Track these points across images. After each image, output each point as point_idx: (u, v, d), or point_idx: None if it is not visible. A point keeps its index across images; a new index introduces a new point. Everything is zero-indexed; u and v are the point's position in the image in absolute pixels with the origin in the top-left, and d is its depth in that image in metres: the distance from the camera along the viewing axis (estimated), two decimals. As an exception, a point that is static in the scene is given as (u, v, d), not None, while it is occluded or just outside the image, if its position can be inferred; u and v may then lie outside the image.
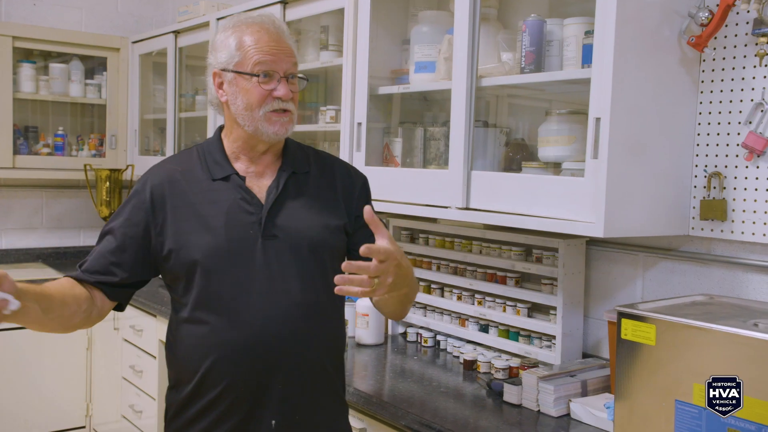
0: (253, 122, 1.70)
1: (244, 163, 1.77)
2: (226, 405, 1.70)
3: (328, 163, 1.88)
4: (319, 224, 1.75)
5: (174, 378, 1.79)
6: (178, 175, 1.75)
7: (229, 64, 1.71)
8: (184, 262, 1.69)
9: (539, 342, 2.35)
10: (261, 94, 1.68)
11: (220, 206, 1.71)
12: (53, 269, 4.09)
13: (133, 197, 1.75)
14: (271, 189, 1.74)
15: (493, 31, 2.30)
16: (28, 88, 4.11)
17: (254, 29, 1.71)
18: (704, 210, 1.99)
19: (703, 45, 1.91)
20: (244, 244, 1.69)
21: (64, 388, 3.87)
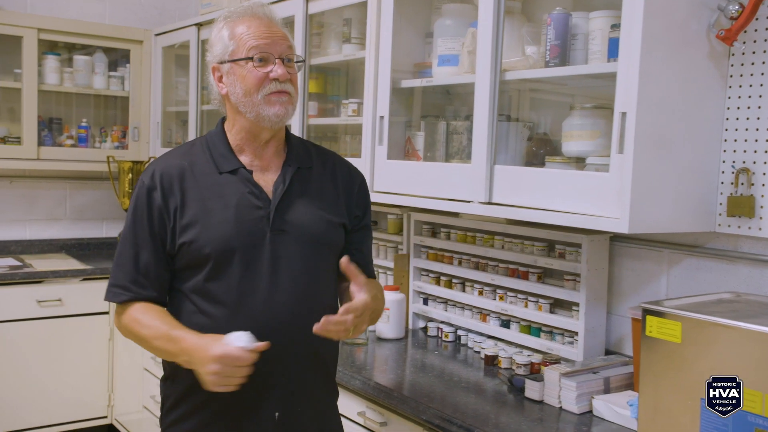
0: (253, 107, 1.71)
1: (249, 157, 1.78)
2: (229, 396, 1.70)
3: (329, 159, 1.90)
4: (323, 219, 1.79)
5: (170, 369, 1.79)
6: (187, 167, 1.75)
7: (224, 55, 1.74)
8: (195, 254, 1.70)
9: (561, 338, 2.33)
10: (258, 77, 1.70)
11: (228, 200, 1.72)
12: (76, 260, 4.13)
13: (144, 196, 1.73)
14: (278, 183, 1.76)
15: (517, 25, 2.28)
16: (52, 80, 4.14)
17: (245, 18, 1.74)
18: (731, 206, 1.96)
19: (732, 39, 1.88)
20: (253, 238, 1.71)
21: (87, 379, 3.91)
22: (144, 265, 1.71)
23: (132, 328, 1.71)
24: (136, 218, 1.73)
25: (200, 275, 1.71)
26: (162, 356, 1.73)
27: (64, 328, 3.82)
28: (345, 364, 2.33)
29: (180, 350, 1.62)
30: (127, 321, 1.71)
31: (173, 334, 1.64)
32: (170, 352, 1.65)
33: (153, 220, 1.71)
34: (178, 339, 1.63)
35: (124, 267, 1.72)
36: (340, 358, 2.37)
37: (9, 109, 4.17)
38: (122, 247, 1.74)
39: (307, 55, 3.04)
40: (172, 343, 1.64)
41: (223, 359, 1.53)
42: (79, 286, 3.86)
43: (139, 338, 1.70)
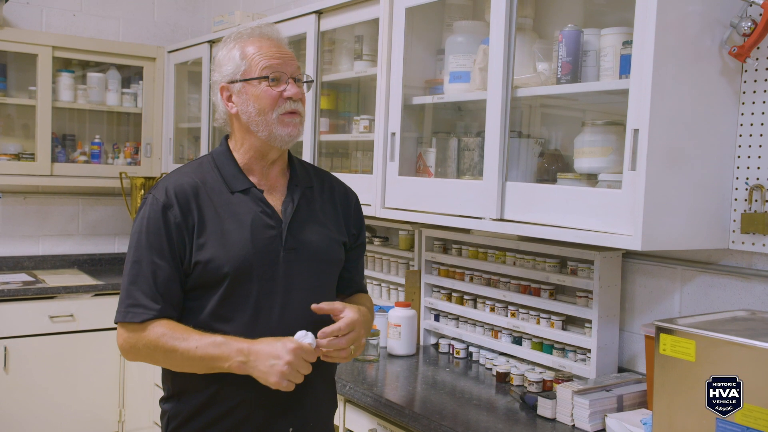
0: (267, 126, 1.73)
1: (256, 177, 1.80)
2: (243, 414, 1.72)
3: (327, 179, 1.95)
4: (328, 237, 1.84)
5: (177, 387, 1.77)
6: (200, 185, 1.75)
7: (235, 74, 1.75)
8: (213, 274, 1.69)
9: (574, 355, 2.32)
10: (272, 97, 1.72)
11: (243, 219, 1.73)
12: (88, 275, 4.15)
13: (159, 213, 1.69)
14: (287, 204, 1.79)
15: (528, 41, 2.28)
16: (66, 97, 4.18)
17: (255, 39, 1.77)
18: (745, 223, 1.95)
19: (745, 55, 1.87)
20: (268, 257, 1.73)
21: (98, 393, 3.91)
22: (162, 283, 1.68)
23: (160, 343, 1.65)
24: (152, 236, 1.69)
25: (217, 293, 1.70)
26: (196, 367, 1.66)
27: (76, 343, 3.83)
28: (356, 381, 2.32)
29: (236, 351, 1.61)
30: (153, 337, 1.66)
31: (220, 339, 1.63)
32: (217, 357, 1.62)
33: (172, 237, 1.69)
34: (229, 341, 1.62)
35: (142, 286, 1.68)
36: (351, 375, 2.39)
37: (23, 126, 4.21)
38: (136, 266, 1.69)
39: (319, 71, 3.06)
40: (221, 346, 1.62)
41: (297, 351, 1.59)
42: (91, 301, 3.88)
43: (172, 351, 1.64)
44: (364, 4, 2.77)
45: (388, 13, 2.61)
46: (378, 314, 2.74)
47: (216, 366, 1.64)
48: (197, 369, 1.67)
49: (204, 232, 1.70)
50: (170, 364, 1.71)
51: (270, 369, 1.58)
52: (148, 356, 1.71)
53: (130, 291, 1.69)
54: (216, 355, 1.62)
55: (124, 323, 1.70)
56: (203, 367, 1.65)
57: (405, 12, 2.56)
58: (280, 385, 1.59)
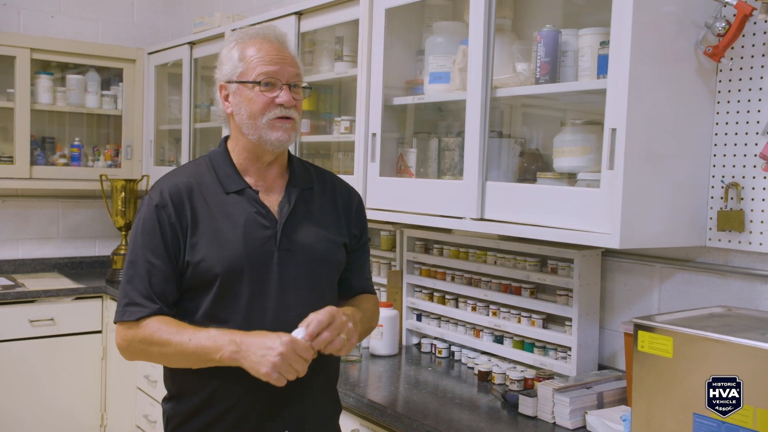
0: (256, 130, 1.73)
1: (253, 178, 1.80)
2: (238, 416, 1.72)
3: (329, 180, 1.93)
4: (326, 239, 1.82)
5: (176, 389, 1.79)
6: (195, 185, 1.76)
7: (233, 75, 1.75)
8: (204, 274, 1.69)
9: (554, 353, 2.33)
10: (264, 102, 1.72)
11: (236, 219, 1.73)
12: (69, 279, 4.12)
13: (153, 213, 1.71)
14: (283, 204, 1.78)
15: (507, 42, 2.30)
16: (45, 99, 4.15)
17: (256, 40, 1.76)
18: (721, 221, 1.97)
19: (720, 55, 1.90)
20: (261, 258, 1.72)
21: (79, 397, 3.89)
22: (157, 282, 1.69)
23: (155, 338, 1.65)
24: (147, 236, 1.71)
25: (208, 295, 1.70)
26: (190, 360, 1.65)
27: (57, 347, 3.80)
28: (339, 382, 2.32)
29: (228, 341, 1.59)
30: (148, 332, 1.66)
31: (214, 331, 1.63)
32: (210, 348, 1.60)
33: (166, 237, 1.70)
34: (221, 332, 1.61)
35: (137, 286, 1.69)
36: (333, 376, 2.38)
37: (2, 129, 4.17)
38: (132, 266, 1.71)
39: (300, 73, 3.05)
40: (214, 338, 1.61)
41: (291, 344, 1.56)
42: (72, 305, 3.85)
43: (166, 344, 1.64)
44: (344, 5, 2.77)
45: (368, 14, 2.61)
46: (360, 315, 2.74)
47: (209, 358, 1.62)
48: (191, 363, 1.66)
49: (197, 232, 1.71)
50: (165, 360, 1.71)
51: (261, 359, 1.55)
52: (143, 353, 1.71)
53: (127, 291, 1.71)
54: (208, 346, 1.61)
55: (121, 322, 1.71)
56: (197, 360, 1.64)
57: (385, 13, 2.57)
58: (271, 376, 1.55)
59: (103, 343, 3.93)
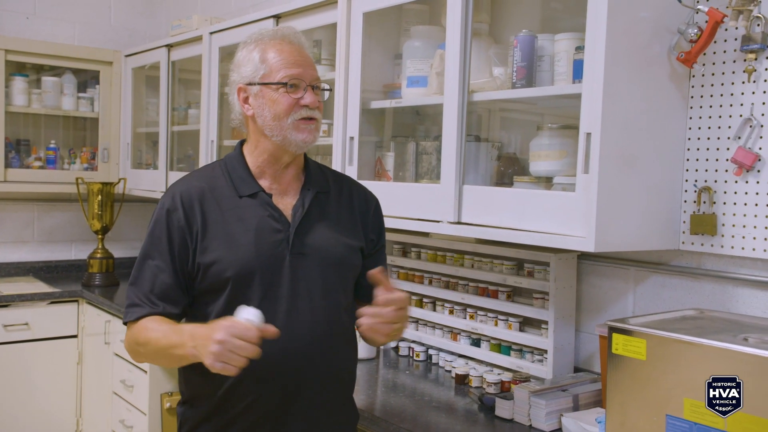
0: (281, 131, 1.72)
1: (268, 180, 1.79)
2: (251, 421, 1.71)
3: (346, 184, 1.92)
4: (342, 243, 1.80)
5: (189, 394, 1.79)
6: (207, 190, 1.75)
7: (254, 77, 1.74)
8: (215, 278, 1.69)
9: (531, 356, 2.35)
10: (289, 103, 1.71)
11: (248, 223, 1.72)
12: (44, 283, 4.07)
13: (164, 218, 1.72)
14: (297, 207, 1.77)
15: (484, 46, 2.31)
16: (20, 101, 4.11)
17: (277, 41, 1.75)
18: (694, 224, 2.00)
19: (692, 61, 1.92)
20: (273, 261, 1.71)
21: (55, 402, 3.84)
22: (160, 285, 1.70)
23: (140, 337, 1.67)
24: (155, 240, 1.72)
25: (221, 299, 1.70)
26: (167, 357, 1.65)
27: (32, 352, 3.76)
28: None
29: (188, 337, 1.57)
30: (136, 332, 1.68)
31: (180, 326, 1.63)
32: (175, 344, 1.60)
33: (173, 241, 1.70)
34: (185, 328, 1.61)
35: (141, 287, 1.71)
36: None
37: (-24, 131, 4.12)
38: (138, 268, 1.73)
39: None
40: (179, 333, 1.61)
41: (229, 329, 1.46)
42: (47, 309, 3.81)
43: (146, 344, 1.65)
44: (322, 8, 2.77)
45: (346, 18, 2.62)
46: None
47: (177, 354, 1.60)
48: (169, 360, 1.67)
49: (207, 235, 1.71)
50: (152, 359, 1.74)
51: (204, 351, 1.49)
52: (137, 353, 1.73)
53: (129, 292, 1.74)
54: (174, 342, 1.60)
55: (127, 323, 1.73)
56: (170, 357, 1.64)
57: (363, 17, 2.57)
58: (215, 367, 1.47)
59: (78, 348, 3.89)
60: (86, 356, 3.89)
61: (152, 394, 3.25)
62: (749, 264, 1.96)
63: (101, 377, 3.73)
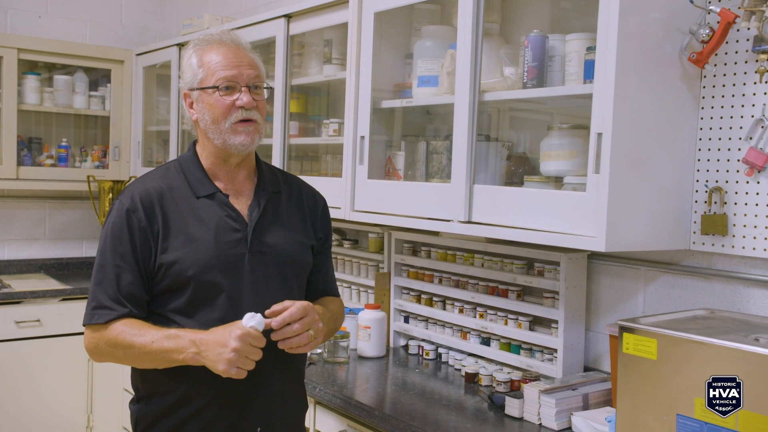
0: (220, 135, 1.76)
1: (222, 182, 1.83)
2: (211, 415, 1.75)
3: (295, 184, 1.97)
4: (295, 241, 1.86)
5: (146, 389, 1.80)
6: (165, 190, 1.78)
7: (193, 82, 1.78)
8: (176, 277, 1.72)
9: (541, 355, 2.35)
10: (224, 106, 1.75)
11: (207, 223, 1.76)
12: (55, 280, 4.10)
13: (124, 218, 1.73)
14: (253, 207, 1.82)
15: (495, 46, 2.32)
16: (32, 99, 4.13)
17: (213, 46, 1.78)
18: (705, 225, 2.00)
19: (704, 61, 1.92)
20: (233, 260, 1.75)
21: (66, 399, 3.87)
22: (126, 286, 1.72)
23: (119, 340, 1.68)
24: (116, 240, 1.73)
25: (183, 297, 1.73)
26: (155, 361, 1.68)
27: (43, 349, 3.79)
28: (326, 383, 2.33)
29: (188, 342, 1.62)
30: (113, 335, 1.69)
31: (174, 332, 1.66)
32: (172, 349, 1.64)
33: (135, 242, 1.72)
34: (182, 334, 1.64)
35: (106, 289, 1.72)
36: (321, 377, 2.40)
37: (-12, 129, 4.15)
38: (101, 270, 1.74)
39: (288, 75, 3.06)
40: (176, 339, 1.64)
41: (244, 338, 1.58)
42: (58, 306, 3.83)
43: (129, 347, 1.67)
44: (334, 8, 2.78)
45: (357, 18, 2.63)
46: (348, 316, 2.75)
47: (172, 358, 1.65)
48: (157, 363, 1.69)
49: (168, 236, 1.73)
50: (132, 361, 1.74)
51: (218, 357, 1.59)
52: (110, 354, 1.74)
53: (95, 294, 1.73)
54: (170, 347, 1.64)
55: (89, 325, 1.74)
56: (161, 360, 1.67)
57: (374, 17, 2.58)
58: (229, 372, 1.59)
59: (89, 345, 3.91)
60: (97, 353, 3.90)
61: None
62: (760, 264, 1.96)
63: (112, 374, 3.75)
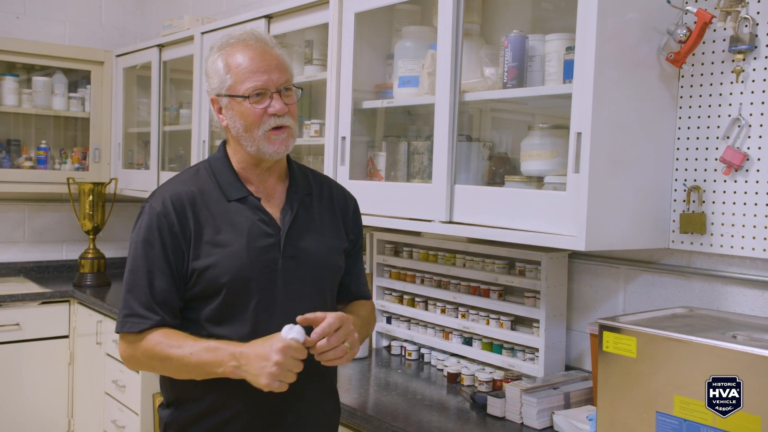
0: (254, 143, 1.71)
1: (254, 185, 1.78)
2: (242, 424, 1.71)
3: (326, 184, 1.91)
4: (328, 245, 1.81)
5: (175, 395, 1.77)
6: (196, 193, 1.73)
7: (221, 88, 1.72)
8: (209, 283, 1.67)
9: (522, 355, 2.36)
10: (256, 115, 1.69)
11: (240, 227, 1.71)
12: (35, 283, 4.06)
13: (155, 222, 1.68)
14: (285, 211, 1.76)
15: (476, 47, 2.32)
16: (10, 101, 4.10)
17: (239, 48, 1.71)
18: (684, 223, 2.02)
19: (681, 61, 1.94)
20: (266, 266, 1.70)
21: (46, 403, 3.84)
22: (160, 293, 1.67)
23: (157, 351, 1.64)
24: (148, 245, 1.68)
25: (215, 303, 1.69)
26: (193, 373, 1.64)
27: (23, 352, 3.75)
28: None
29: (228, 356, 1.58)
30: (149, 346, 1.65)
31: (213, 344, 1.62)
32: (211, 362, 1.60)
33: (167, 247, 1.67)
34: (221, 346, 1.60)
35: (139, 296, 1.67)
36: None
37: (-34, 131, 4.11)
38: (134, 275, 1.68)
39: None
40: (215, 352, 1.60)
41: (285, 351, 1.54)
42: (38, 309, 3.80)
43: (167, 359, 1.63)
44: (314, 8, 2.78)
45: (338, 18, 2.62)
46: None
47: (211, 371, 1.61)
48: (194, 375, 1.65)
49: (201, 241, 1.68)
50: (169, 372, 1.70)
51: (260, 371, 1.54)
52: (146, 365, 1.70)
53: (127, 301, 1.68)
54: (210, 360, 1.60)
55: (123, 333, 1.69)
56: (199, 372, 1.63)
57: (354, 17, 2.58)
58: (272, 386, 1.55)
59: (70, 348, 3.88)
60: (78, 356, 3.88)
61: (144, 394, 3.25)
62: (738, 262, 1.98)
63: (93, 377, 3.72)
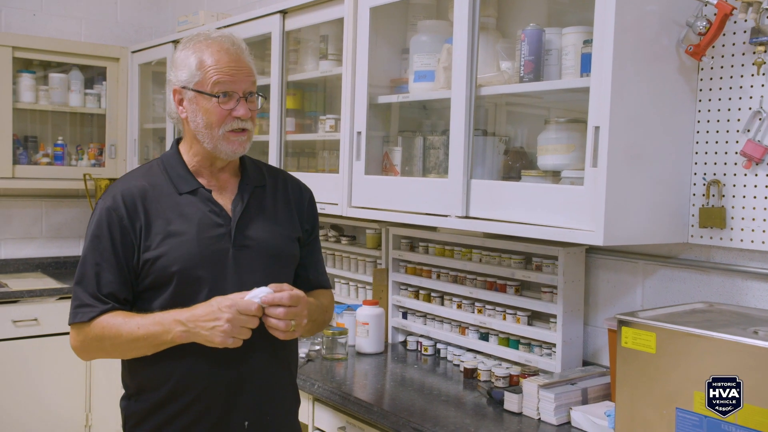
0: (212, 140, 1.77)
1: (206, 178, 1.83)
2: (199, 410, 1.75)
3: (280, 177, 1.97)
4: (281, 234, 1.87)
5: (135, 386, 1.81)
6: (148, 188, 1.78)
7: (189, 82, 1.77)
8: (160, 273, 1.72)
9: (539, 350, 2.35)
10: (221, 114, 1.75)
11: (190, 219, 1.76)
12: (52, 278, 4.09)
13: (105, 217, 1.74)
14: (236, 202, 1.82)
15: (492, 40, 2.31)
16: (27, 98, 4.12)
17: (214, 49, 1.76)
18: (703, 218, 2.00)
19: (701, 54, 1.92)
20: (217, 255, 1.76)
21: (64, 398, 3.86)
22: (107, 284, 1.72)
23: (105, 332, 1.69)
24: (96, 240, 1.74)
25: (166, 293, 1.74)
26: (144, 347, 1.70)
27: (41, 347, 3.78)
28: (325, 380, 2.33)
29: (174, 322, 1.65)
30: (98, 329, 1.70)
31: (159, 315, 1.68)
32: (159, 332, 1.66)
33: (116, 240, 1.73)
34: (167, 315, 1.67)
35: (87, 287, 1.73)
36: (319, 374, 2.39)
37: (-16, 128, 4.14)
38: (83, 268, 1.75)
39: (284, 71, 3.05)
40: (161, 321, 1.66)
41: (232, 307, 1.62)
42: (56, 305, 3.82)
43: (117, 336, 1.68)
44: (329, 3, 2.77)
45: (353, 13, 2.62)
46: (346, 313, 2.75)
47: (160, 341, 1.67)
48: (146, 350, 1.70)
49: (151, 233, 1.74)
50: (121, 351, 1.74)
51: (212, 331, 1.62)
52: (97, 349, 1.75)
53: (77, 293, 1.75)
54: (157, 331, 1.66)
55: (74, 324, 1.75)
56: (149, 345, 1.69)
57: (369, 12, 2.57)
58: (227, 343, 1.62)
59: (87, 343, 3.90)
60: (95, 352, 3.90)
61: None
62: (759, 257, 1.95)
63: (110, 372, 3.74)
